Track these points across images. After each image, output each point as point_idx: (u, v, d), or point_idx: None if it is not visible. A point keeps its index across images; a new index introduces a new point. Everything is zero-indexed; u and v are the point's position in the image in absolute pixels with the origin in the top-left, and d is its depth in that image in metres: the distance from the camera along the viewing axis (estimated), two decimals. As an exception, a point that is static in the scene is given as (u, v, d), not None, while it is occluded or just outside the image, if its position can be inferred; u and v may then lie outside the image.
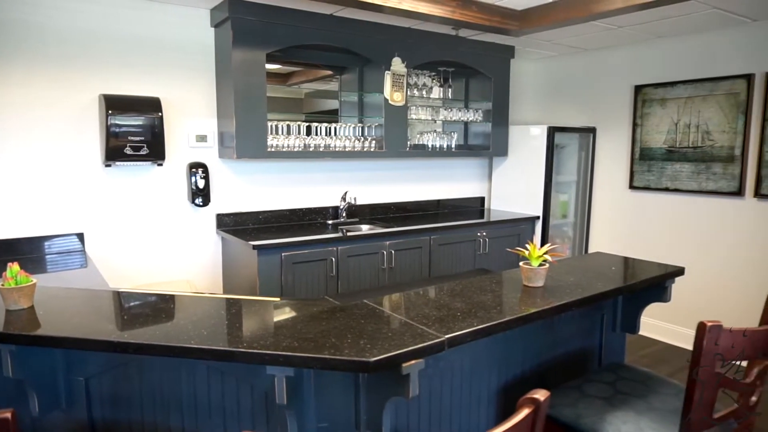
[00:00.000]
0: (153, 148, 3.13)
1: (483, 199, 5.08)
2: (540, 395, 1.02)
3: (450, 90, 4.57)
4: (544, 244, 4.41)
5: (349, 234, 3.58)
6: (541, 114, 5.21)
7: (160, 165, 3.35)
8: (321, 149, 3.75)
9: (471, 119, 4.56)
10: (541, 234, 4.55)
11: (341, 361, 1.32)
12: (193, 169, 3.47)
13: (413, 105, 4.20)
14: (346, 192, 4.10)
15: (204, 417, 1.64)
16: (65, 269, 2.85)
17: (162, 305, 1.77)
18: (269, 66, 3.55)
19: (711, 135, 3.91)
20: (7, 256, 2.88)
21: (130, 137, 3.05)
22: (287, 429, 1.51)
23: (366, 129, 4.09)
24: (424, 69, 4.29)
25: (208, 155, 3.58)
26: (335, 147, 3.81)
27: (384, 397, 1.44)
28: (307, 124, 3.81)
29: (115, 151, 3.04)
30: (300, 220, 3.99)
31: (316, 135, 3.81)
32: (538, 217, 4.54)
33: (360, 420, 1.53)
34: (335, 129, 3.91)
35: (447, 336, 1.47)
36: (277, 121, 3.65)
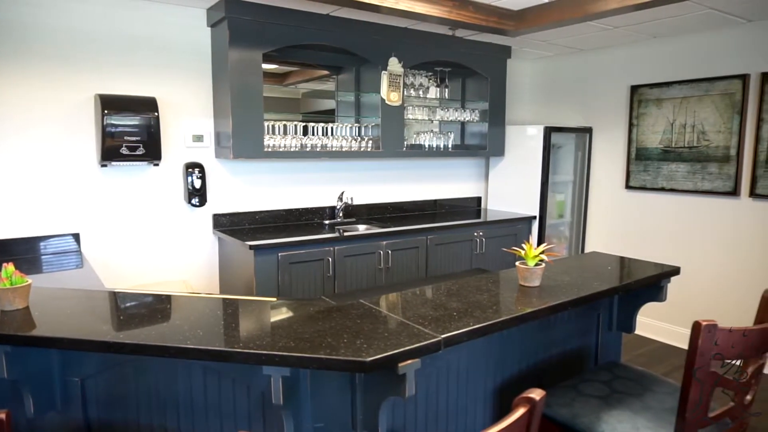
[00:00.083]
0: (149, 148, 3.13)
1: (480, 199, 5.08)
2: (535, 394, 1.02)
3: (447, 90, 4.58)
4: (540, 243, 4.41)
5: (346, 234, 3.58)
6: (538, 114, 5.23)
7: (156, 165, 3.34)
8: (318, 149, 3.75)
9: (468, 119, 4.56)
10: (538, 234, 4.56)
11: (337, 361, 1.32)
12: (190, 169, 3.46)
13: (410, 105, 4.20)
14: (342, 192, 4.10)
15: (200, 417, 1.64)
16: (61, 270, 2.84)
17: (158, 305, 1.76)
18: (266, 66, 3.54)
19: (706, 135, 3.92)
20: (3, 256, 2.87)
21: (126, 137, 3.04)
22: (284, 429, 1.51)
23: (363, 129, 4.09)
24: (420, 69, 4.29)
25: (204, 155, 3.58)
26: (332, 147, 3.81)
27: (380, 397, 1.44)
28: (304, 124, 3.81)
29: (111, 151, 3.03)
30: (297, 220, 3.99)
31: (312, 135, 3.81)
32: (534, 217, 4.55)
33: (356, 420, 1.53)
34: (332, 129, 3.91)
35: (443, 336, 1.47)
36: (274, 121, 3.65)
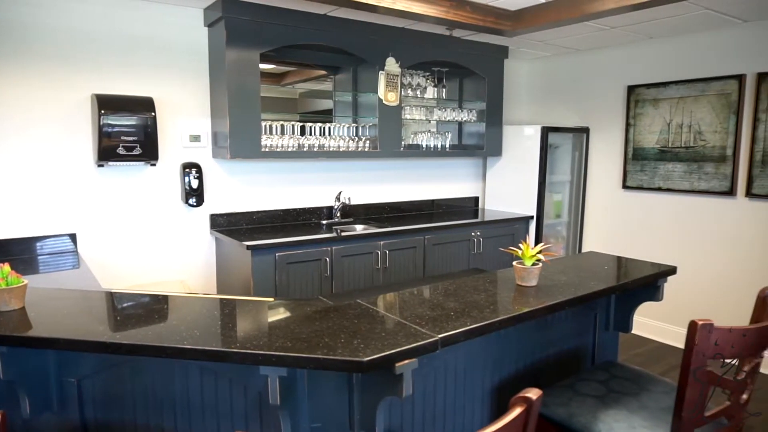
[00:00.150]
0: (146, 148, 3.12)
1: (477, 199, 5.09)
2: (532, 394, 1.02)
3: (444, 90, 4.58)
4: (537, 243, 4.42)
5: (344, 234, 3.58)
6: (535, 114, 5.23)
7: (153, 165, 3.33)
8: (315, 149, 3.75)
9: (465, 119, 4.57)
10: (535, 234, 4.56)
11: (334, 361, 1.32)
12: (187, 169, 3.46)
13: (407, 105, 4.20)
14: (340, 192, 4.10)
15: (197, 418, 1.64)
16: (57, 270, 2.83)
17: (155, 306, 1.76)
18: (263, 66, 3.54)
19: (703, 135, 3.93)
20: (-1, 256, 2.87)
21: (122, 137, 3.04)
22: (280, 429, 1.51)
23: (360, 129, 4.09)
24: (418, 69, 4.29)
25: (201, 155, 3.57)
26: (329, 147, 3.81)
27: (377, 397, 1.44)
28: (301, 124, 3.81)
29: (108, 151, 3.02)
30: (294, 220, 3.99)
31: (310, 135, 3.81)
32: (532, 217, 4.56)
33: (353, 420, 1.53)
34: (329, 129, 3.91)
35: (440, 335, 1.47)
36: (271, 121, 3.64)
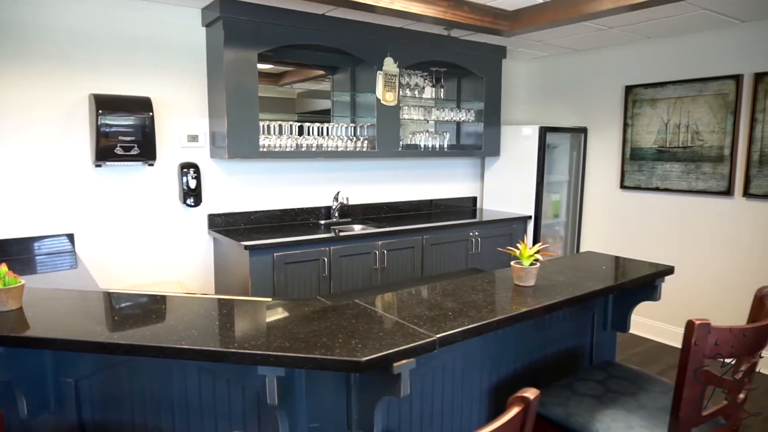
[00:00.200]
0: (144, 148, 3.12)
1: (475, 199, 5.09)
2: (530, 394, 1.02)
3: (442, 90, 4.58)
4: (535, 243, 4.43)
5: (342, 234, 3.57)
6: (533, 114, 5.24)
7: (151, 165, 3.33)
8: (313, 149, 3.75)
9: (463, 119, 4.57)
10: (533, 233, 4.57)
11: (332, 361, 1.32)
12: (185, 169, 3.45)
13: (405, 105, 4.20)
14: (338, 192, 4.10)
15: (195, 418, 1.64)
16: (55, 270, 2.83)
17: (153, 306, 1.76)
18: (261, 66, 3.54)
19: (700, 135, 3.94)
20: (-4, 257, 2.86)
21: (120, 137, 3.03)
22: (278, 429, 1.51)
23: (358, 129, 4.09)
24: (416, 69, 4.29)
25: (199, 155, 3.57)
26: (327, 147, 3.81)
27: (375, 397, 1.44)
28: (299, 124, 3.81)
29: (106, 152, 3.02)
30: (292, 220, 3.98)
31: (308, 135, 3.80)
32: (530, 217, 4.56)
33: (351, 420, 1.53)
34: (327, 129, 3.91)
35: (438, 335, 1.48)
36: (269, 121, 3.64)
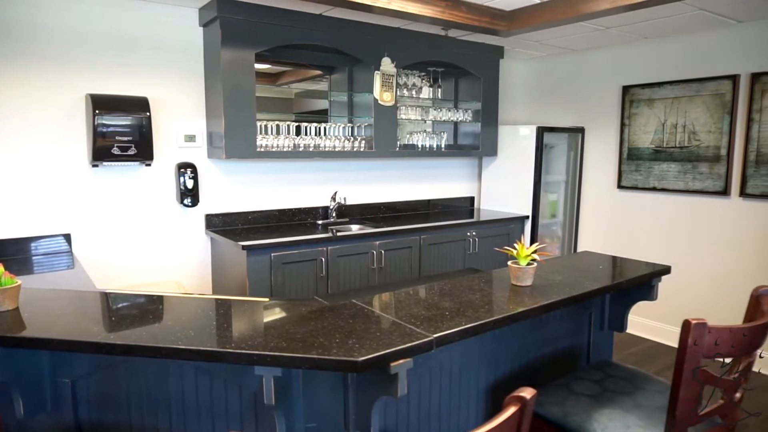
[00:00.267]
0: (141, 148, 3.11)
1: (472, 199, 5.09)
2: (526, 393, 1.03)
3: (439, 90, 4.58)
4: (533, 243, 4.43)
5: (339, 234, 3.57)
6: (530, 114, 5.24)
7: (148, 165, 3.33)
8: (311, 149, 3.75)
9: (460, 119, 4.57)
10: (531, 233, 4.57)
11: (329, 361, 1.32)
12: (182, 170, 3.45)
13: (403, 105, 4.20)
14: (335, 192, 4.10)
15: (192, 418, 1.63)
16: (52, 270, 2.82)
17: (150, 306, 1.76)
18: (258, 66, 3.53)
19: (697, 135, 3.95)
20: (-7, 257, 2.86)
21: (117, 137, 3.03)
22: (276, 429, 1.51)
23: (356, 129, 4.09)
24: (413, 69, 4.29)
25: (196, 155, 3.56)
26: (325, 147, 3.81)
27: (373, 397, 1.44)
28: (297, 124, 3.81)
29: (103, 152, 3.01)
30: (290, 220, 3.98)
31: (305, 135, 3.80)
32: (527, 217, 4.57)
33: (348, 420, 1.53)
34: (325, 129, 3.91)
35: (435, 335, 1.48)
36: (267, 121, 3.64)
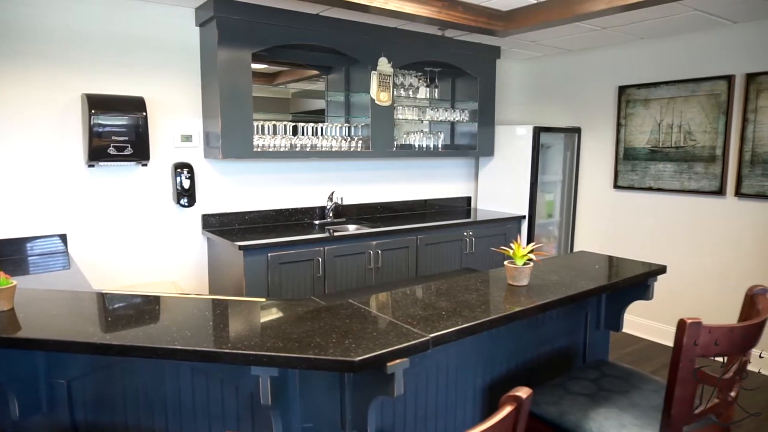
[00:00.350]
0: (137, 148, 3.10)
1: (469, 199, 5.10)
2: (522, 393, 1.03)
3: (436, 90, 4.59)
4: (529, 243, 4.44)
5: (336, 234, 3.57)
6: (527, 114, 5.25)
7: (144, 165, 3.32)
8: (307, 149, 3.74)
9: (457, 119, 4.58)
10: (527, 233, 4.58)
11: (326, 361, 1.32)
12: (179, 170, 3.44)
13: (400, 105, 4.20)
14: (332, 192, 4.10)
15: (188, 418, 1.63)
16: (47, 271, 2.81)
17: (146, 306, 1.75)
18: (255, 66, 3.53)
19: (693, 135, 3.96)
20: (-12, 257, 2.85)
21: (113, 137, 3.02)
22: (272, 429, 1.51)
23: (352, 129, 4.09)
24: (410, 69, 4.30)
25: (193, 155, 3.56)
26: (322, 147, 3.81)
27: (369, 397, 1.45)
28: (294, 124, 3.80)
29: (99, 152, 3.01)
30: (286, 220, 3.98)
31: (302, 135, 3.80)
32: (524, 217, 4.57)
33: (345, 419, 1.54)
34: (322, 129, 3.91)
35: (432, 335, 1.48)
36: (263, 121, 3.63)
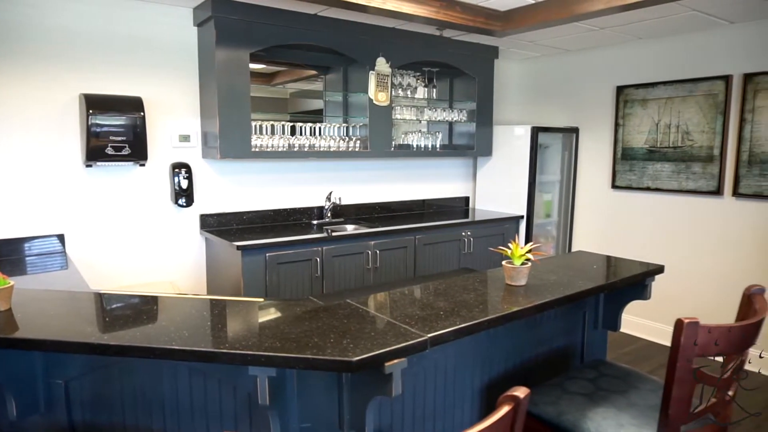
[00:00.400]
0: (135, 148, 3.10)
1: (467, 199, 5.10)
2: (520, 392, 1.03)
3: (434, 90, 4.59)
4: (527, 243, 4.44)
5: (334, 234, 3.57)
6: (525, 114, 5.26)
7: (142, 165, 3.31)
8: (305, 149, 3.74)
9: (455, 119, 4.58)
10: (525, 233, 4.59)
11: (324, 361, 1.32)
12: (177, 170, 3.44)
13: (398, 105, 4.20)
14: (330, 192, 4.10)
15: (186, 419, 1.63)
16: (45, 271, 2.80)
17: (144, 307, 1.75)
18: (253, 66, 3.53)
19: (690, 135, 3.97)
20: (-15, 258, 2.84)
21: (111, 137, 3.02)
22: (270, 430, 1.51)
23: (351, 129, 4.09)
24: (408, 69, 4.29)
25: (191, 155, 3.55)
26: (320, 147, 3.81)
27: (367, 397, 1.45)
28: (292, 124, 3.80)
29: (96, 152, 3.00)
30: (284, 220, 3.98)
31: (300, 135, 3.80)
32: (522, 217, 4.58)
33: (343, 419, 1.53)
34: (320, 129, 3.91)
35: (429, 335, 1.48)
36: (262, 121, 3.63)
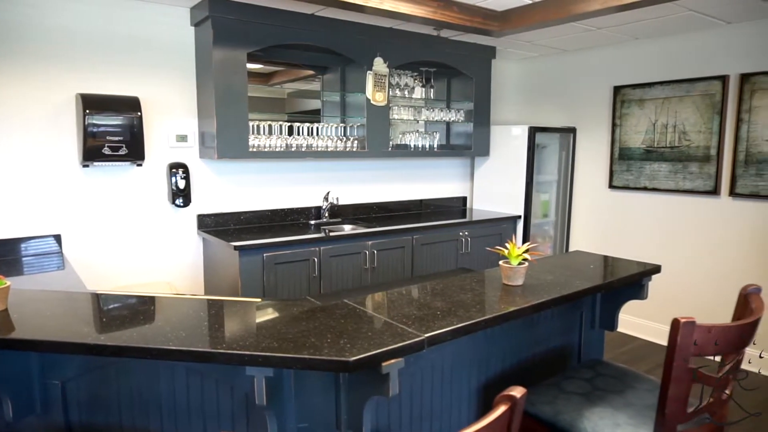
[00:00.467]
0: (132, 148, 3.09)
1: (465, 199, 5.11)
2: (516, 392, 1.03)
3: (432, 90, 4.59)
4: (524, 243, 4.45)
5: (332, 234, 3.57)
6: (522, 114, 5.26)
7: (139, 165, 3.31)
8: (303, 149, 3.74)
9: (453, 119, 4.58)
10: (523, 233, 4.59)
11: (321, 361, 1.32)
12: (174, 170, 3.43)
13: (395, 105, 4.21)
14: (328, 192, 4.10)
15: (183, 419, 1.63)
16: (42, 271, 2.80)
17: (141, 307, 1.75)
18: (250, 65, 3.53)
19: (687, 135, 3.98)
20: (-18, 258, 2.83)
21: (108, 137, 3.01)
22: (267, 430, 1.50)
23: (348, 129, 4.09)
24: (406, 69, 4.30)
25: (188, 155, 3.55)
26: (317, 147, 3.81)
27: (364, 397, 1.45)
28: (289, 124, 3.80)
29: (93, 152, 3.00)
30: (282, 220, 3.97)
31: (298, 135, 3.80)
32: (519, 217, 4.58)
33: (340, 419, 1.54)
34: (317, 129, 3.91)
35: (427, 335, 1.48)
36: (259, 121, 3.63)
